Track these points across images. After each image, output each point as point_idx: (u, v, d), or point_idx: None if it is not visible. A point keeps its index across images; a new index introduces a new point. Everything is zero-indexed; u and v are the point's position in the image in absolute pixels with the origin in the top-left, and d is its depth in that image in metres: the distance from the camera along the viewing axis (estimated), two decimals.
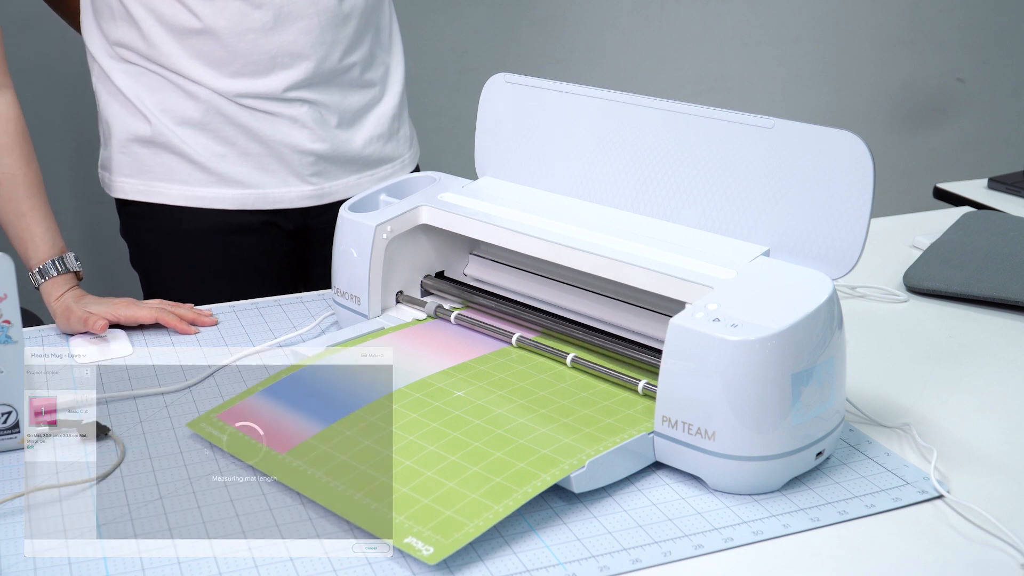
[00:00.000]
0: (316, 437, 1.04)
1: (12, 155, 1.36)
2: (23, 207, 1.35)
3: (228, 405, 1.11)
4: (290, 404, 1.10)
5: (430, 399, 1.09)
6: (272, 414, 1.09)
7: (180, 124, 1.53)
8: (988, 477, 1.04)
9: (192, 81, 1.51)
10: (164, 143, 1.54)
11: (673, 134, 1.15)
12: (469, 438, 1.02)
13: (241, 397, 1.12)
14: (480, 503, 0.93)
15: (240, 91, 1.51)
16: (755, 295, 1.01)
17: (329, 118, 1.57)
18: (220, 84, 1.51)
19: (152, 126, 1.53)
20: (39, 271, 1.34)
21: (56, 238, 1.36)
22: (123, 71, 1.54)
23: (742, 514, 0.98)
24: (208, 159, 1.54)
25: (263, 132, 1.54)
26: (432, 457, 1.00)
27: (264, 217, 1.59)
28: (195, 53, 1.50)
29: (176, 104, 1.53)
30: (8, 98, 1.38)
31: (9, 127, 1.37)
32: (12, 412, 1.06)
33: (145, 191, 1.57)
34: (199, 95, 1.51)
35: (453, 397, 1.09)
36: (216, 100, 1.52)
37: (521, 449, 1.00)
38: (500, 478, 0.96)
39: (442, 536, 0.90)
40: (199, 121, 1.53)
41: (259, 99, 1.52)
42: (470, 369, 1.15)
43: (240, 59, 1.50)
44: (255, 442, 1.05)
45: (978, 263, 1.47)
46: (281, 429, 1.06)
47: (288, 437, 1.05)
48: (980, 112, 3.22)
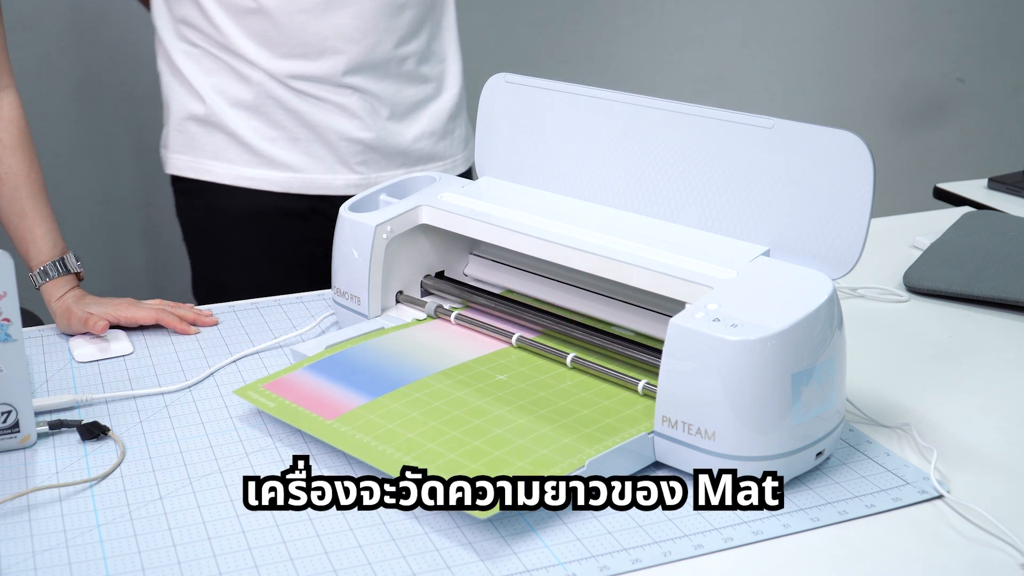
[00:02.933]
0: (363, 407, 1.07)
1: (15, 155, 1.36)
2: (25, 207, 1.35)
3: (274, 377, 1.14)
4: (336, 378, 1.14)
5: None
6: (319, 386, 1.12)
7: (233, 106, 1.59)
8: (988, 477, 1.04)
9: (246, 61, 1.56)
10: (217, 123, 1.60)
11: (673, 134, 1.15)
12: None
13: (288, 371, 1.15)
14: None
15: (291, 72, 1.56)
16: (755, 295, 1.01)
17: (380, 109, 1.61)
18: (272, 65, 1.56)
19: (206, 106, 1.60)
20: (40, 272, 1.34)
21: (57, 239, 1.36)
22: (184, 52, 1.60)
23: (742, 514, 0.98)
24: (257, 141, 1.59)
25: (313, 117, 1.59)
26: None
27: (310, 203, 1.63)
28: (250, 32, 1.55)
29: (231, 86, 1.59)
30: (10, 98, 1.38)
31: (11, 127, 1.37)
32: (12, 411, 1.06)
33: (196, 168, 1.64)
34: (252, 78, 1.57)
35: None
36: (268, 84, 1.57)
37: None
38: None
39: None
40: (251, 103, 1.58)
41: (309, 82, 1.57)
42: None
43: (292, 40, 1.55)
44: (303, 409, 1.08)
45: (978, 263, 1.47)
46: (328, 399, 1.10)
47: (335, 406, 1.08)
48: (980, 112, 3.22)
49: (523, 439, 1.02)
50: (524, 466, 0.97)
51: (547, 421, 1.05)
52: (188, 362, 1.26)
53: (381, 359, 1.17)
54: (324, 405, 1.09)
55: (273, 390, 1.12)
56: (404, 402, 1.08)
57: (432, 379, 1.13)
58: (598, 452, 0.99)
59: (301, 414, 1.08)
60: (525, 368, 1.15)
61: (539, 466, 0.97)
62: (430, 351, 1.19)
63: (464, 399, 1.09)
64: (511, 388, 1.11)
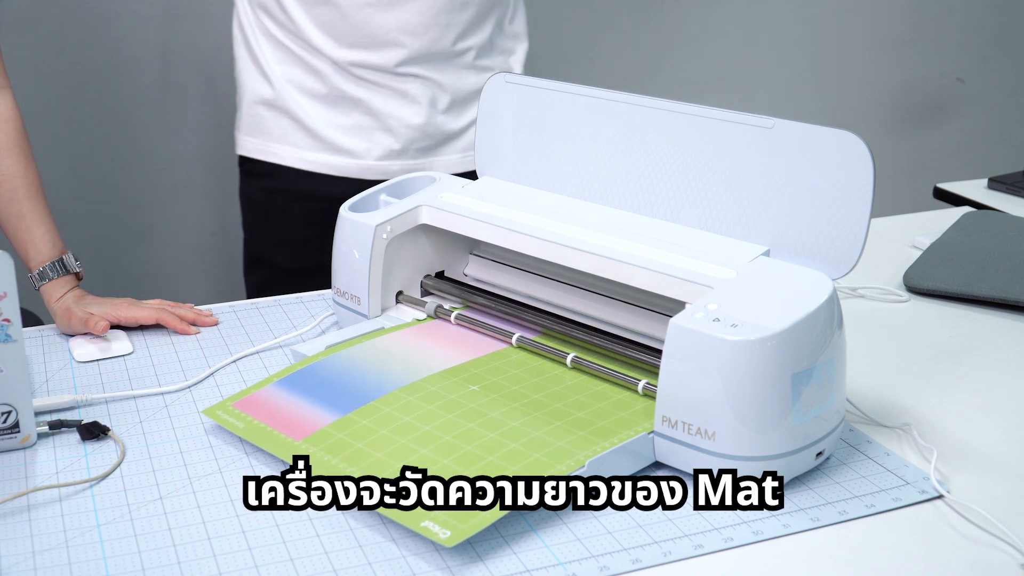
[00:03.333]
0: (332, 426, 1.05)
1: (11, 157, 1.36)
2: (23, 209, 1.35)
3: (244, 394, 1.12)
4: (305, 394, 1.11)
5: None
6: (288, 403, 1.10)
7: (300, 92, 1.67)
8: (988, 477, 1.04)
9: (314, 49, 1.65)
10: (284, 108, 1.69)
11: (673, 134, 1.15)
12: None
13: (257, 387, 1.13)
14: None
15: (354, 60, 1.64)
16: (755, 295, 1.01)
17: (440, 96, 1.68)
18: (338, 54, 1.64)
19: (275, 91, 1.68)
20: (39, 273, 1.34)
21: (56, 239, 1.36)
22: (258, 38, 1.68)
23: (742, 514, 0.98)
24: (320, 126, 1.67)
25: (374, 105, 1.66)
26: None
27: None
28: (318, 22, 1.63)
29: (299, 75, 1.67)
30: (6, 99, 1.38)
31: (7, 128, 1.37)
32: (12, 411, 1.06)
33: (263, 151, 1.71)
34: (318, 67, 1.65)
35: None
36: (333, 72, 1.66)
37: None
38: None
39: (458, 520, 0.91)
40: (317, 92, 1.67)
41: (372, 71, 1.64)
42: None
43: (357, 31, 1.62)
44: (271, 429, 1.06)
45: (978, 263, 1.47)
46: (297, 417, 1.08)
47: (304, 425, 1.06)
48: (980, 112, 3.22)
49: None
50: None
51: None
52: (188, 362, 1.26)
53: (353, 370, 1.15)
54: (293, 424, 1.07)
55: (242, 408, 1.10)
56: (373, 418, 1.06)
57: (403, 391, 1.11)
58: (598, 452, 0.99)
59: (270, 434, 1.06)
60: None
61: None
62: (404, 360, 1.17)
63: (434, 412, 1.07)
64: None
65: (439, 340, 1.22)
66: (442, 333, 1.24)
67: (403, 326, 1.25)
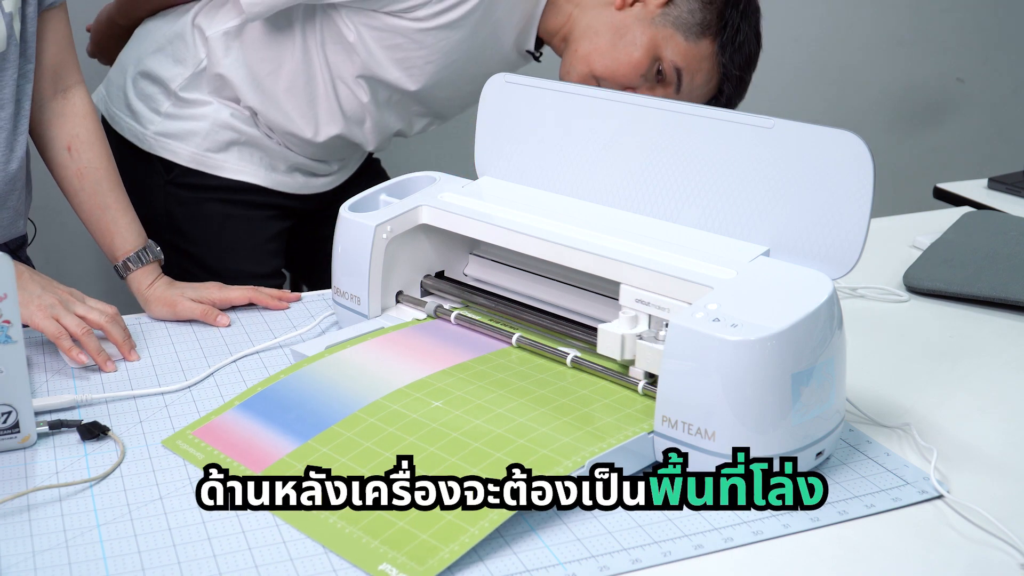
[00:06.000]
0: (291, 455, 1.02)
1: (92, 150, 1.38)
2: (107, 200, 1.38)
3: (205, 421, 1.10)
4: (266, 420, 1.08)
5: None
6: (248, 430, 1.08)
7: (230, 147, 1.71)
8: (988, 477, 1.04)
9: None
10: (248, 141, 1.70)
11: (673, 134, 1.15)
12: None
13: (218, 412, 1.11)
14: (455, 525, 0.91)
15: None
16: (755, 295, 1.01)
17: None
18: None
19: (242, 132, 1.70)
20: (129, 260, 1.37)
21: (140, 228, 1.40)
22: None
23: (742, 514, 0.98)
24: (259, 172, 1.72)
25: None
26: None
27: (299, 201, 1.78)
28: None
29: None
30: (81, 93, 1.40)
31: (87, 122, 1.39)
32: (12, 412, 1.06)
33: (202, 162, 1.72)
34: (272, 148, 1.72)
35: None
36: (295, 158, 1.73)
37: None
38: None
39: (416, 563, 0.89)
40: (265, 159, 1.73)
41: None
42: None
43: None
44: (230, 459, 1.04)
45: (978, 263, 1.47)
46: (256, 446, 1.05)
47: (263, 455, 1.03)
48: (980, 112, 3.22)
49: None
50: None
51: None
52: (188, 362, 1.26)
53: (314, 390, 1.12)
54: (252, 453, 1.04)
55: (202, 437, 1.07)
56: (333, 446, 1.03)
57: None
58: (598, 452, 0.99)
59: (230, 465, 1.03)
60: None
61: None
62: (366, 375, 1.13)
63: (395, 435, 1.03)
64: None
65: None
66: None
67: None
